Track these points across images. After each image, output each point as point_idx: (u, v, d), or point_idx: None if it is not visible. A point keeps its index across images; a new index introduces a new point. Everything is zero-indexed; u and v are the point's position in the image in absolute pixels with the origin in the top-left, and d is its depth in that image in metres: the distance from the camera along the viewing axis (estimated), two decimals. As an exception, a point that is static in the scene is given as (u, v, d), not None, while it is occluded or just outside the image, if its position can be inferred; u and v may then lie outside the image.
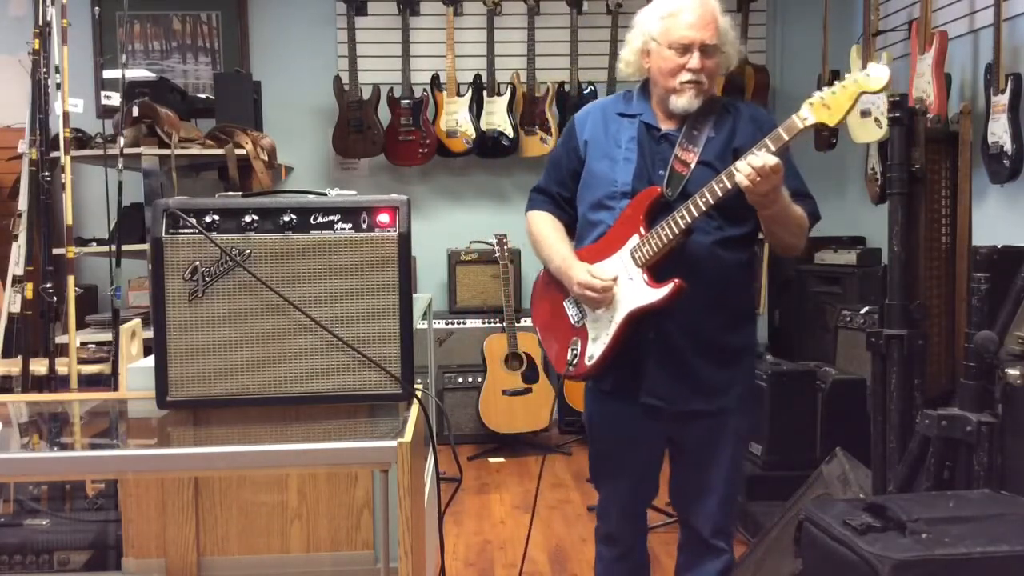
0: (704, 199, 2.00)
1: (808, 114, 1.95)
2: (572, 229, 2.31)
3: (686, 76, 2.07)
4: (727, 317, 2.16)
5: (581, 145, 2.24)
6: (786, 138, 1.95)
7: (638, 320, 2.11)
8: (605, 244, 2.17)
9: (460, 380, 4.96)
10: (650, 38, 2.13)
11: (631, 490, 2.32)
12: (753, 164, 1.92)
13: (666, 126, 2.16)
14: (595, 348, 2.17)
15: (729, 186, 1.97)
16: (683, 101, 2.10)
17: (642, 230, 2.09)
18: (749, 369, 2.28)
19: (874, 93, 1.95)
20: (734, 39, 2.15)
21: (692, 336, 2.13)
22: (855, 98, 1.92)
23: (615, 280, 2.12)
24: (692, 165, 2.08)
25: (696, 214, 2.02)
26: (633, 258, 2.10)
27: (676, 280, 2.04)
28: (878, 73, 1.90)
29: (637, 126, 2.18)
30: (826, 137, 4.66)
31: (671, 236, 2.04)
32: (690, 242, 2.08)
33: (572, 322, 2.25)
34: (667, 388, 2.16)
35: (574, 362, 2.21)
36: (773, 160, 1.93)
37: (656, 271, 2.08)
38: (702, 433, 2.20)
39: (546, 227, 2.30)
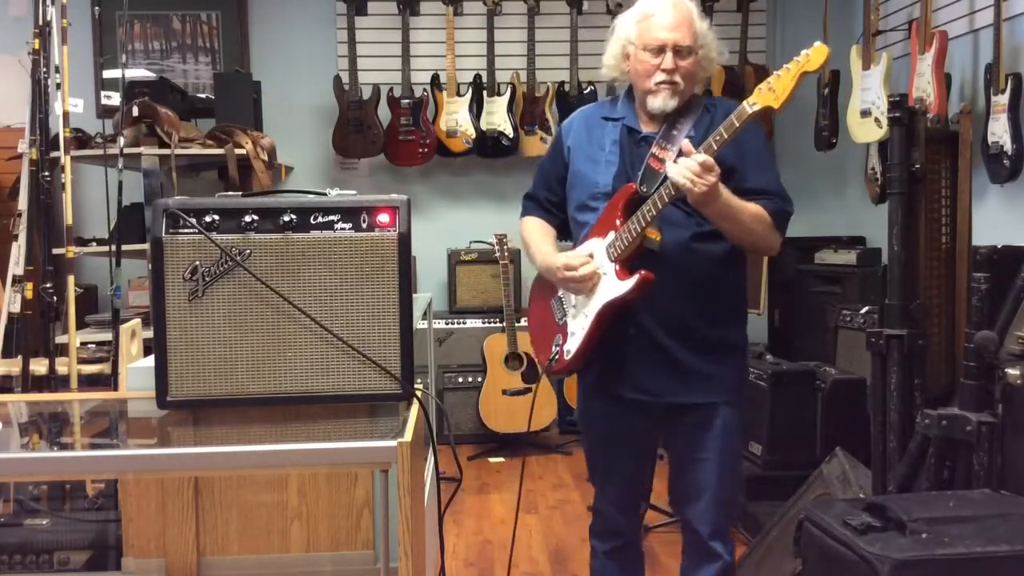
0: (668, 191, 2.02)
1: (755, 100, 1.97)
2: (562, 231, 2.37)
3: (660, 76, 2.12)
4: (708, 311, 2.17)
5: (565, 151, 2.31)
6: (737, 124, 1.97)
7: (614, 314, 2.14)
8: (587, 243, 2.21)
9: (460, 380, 4.96)
10: (628, 41, 2.19)
11: (625, 487, 2.35)
12: (685, 165, 1.97)
13: (648, 128, 2.20)
14: (572, 343, 2.22)
15: (674, 192, 2.01)
16: (658, 102, 2.14)
17: (618, 224, 2.13)
18: (738, 365, 2.27)
19: (815, 72, 1.97)
20: (713, 42, 2.18)
21: (671, 329, 2.15)
22: (797, 79, 1.94)
23: (591, 256, 2.16)
24: (669, 162, 2.09)
25: (660, 207, 2.04)
26: (607, 253, 2.14)
27: (642, 272, 2.06)
28: (816, 53, 1.94)
29: (620, 130, 2.23)
30: (826, 137, 4.66)
31: (638, 230, 2.07)
32: (669, 238, 2.11)
33: (556, 320, 2.30)
34: (651, 381, 2.18)
35: (555, 357, 2.26)
36: (702, 158, 1.96)
37: (631, 265, 2.11)
38: (691, 428, 2.21)
39: (533, 231, 2.38)
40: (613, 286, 2.12)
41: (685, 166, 1.97)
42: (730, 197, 2.05)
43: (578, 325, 2.20)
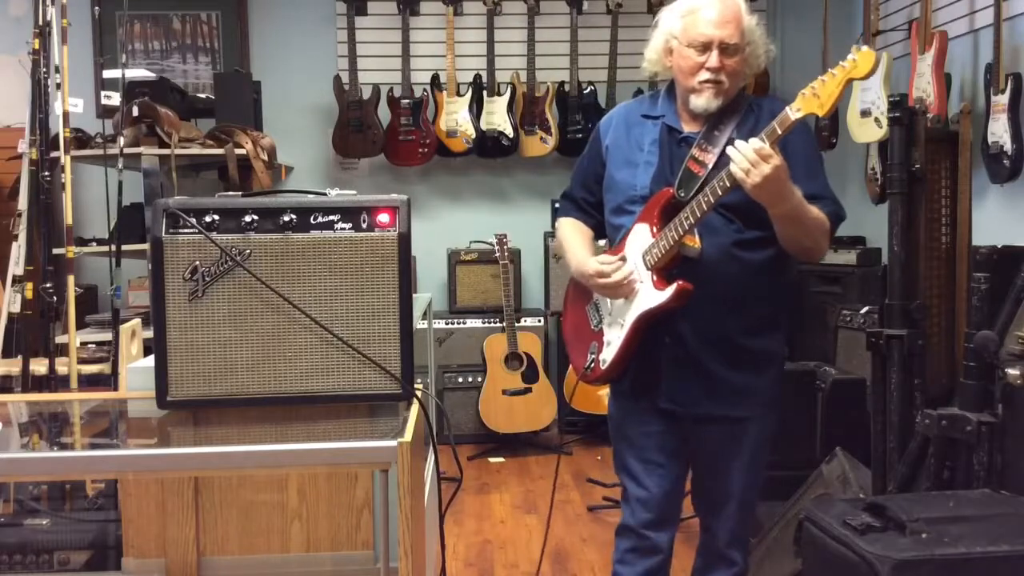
0: (707, 199, 1.95)
1: (799, 105, 1.88)
2: (599, 231, 2.30)
3: (705, 75, 2.03)
4: (746, 321, 2.10)
5: (603, 150, 2.23)
6: (779, 131, 1.88)
7: (650, 323, 2.07)
8: (623, 248, 2.15)
9: (460, 380, 4.96)
10: (671, 36, 2.10)
11: (654, 485, 2.21)
12: (740, 149, 1.87)
13: (689, 128, 2.12)
14: (608, 352, 2.15)
15: (728, 183, 1.92)
16: (702, 101, 2.06)
17: (655, 231, 2.06)
18: (774, 377, 2.18)
19: (863, 78, 1.88)
20: (761, 39, 2.10)
21: (708, 339, 2.08)
22: (843, 85, 1.85)
23: (624, 260, 2.09)
24: (710, 166, 2.02)
25: (699, 214, 1.97)
26: (644, 260, 2.07)
27: (680, 281, 1.99)
28: (863, 59, 1.83)
29: (660, 129, 2.15)
30: (826, 137, 4.65)
31: (677, 238, 2.00)
32: (708, 244, 2.03)
33: (592, 327, 2.23)
34: (684, 392, 2.12)
35: (591, 366, 2.20)
36: (758, 144, 1.86)
37: (668, 273, 2.04)
38: (720, 439, 2.15)
39: (568, 233, 2.30)
40: (650, 296, 2.04)
41: (740, 150, 1.87)
42: (803, 201, 1.97)
43: (614, 334, 2.13)
